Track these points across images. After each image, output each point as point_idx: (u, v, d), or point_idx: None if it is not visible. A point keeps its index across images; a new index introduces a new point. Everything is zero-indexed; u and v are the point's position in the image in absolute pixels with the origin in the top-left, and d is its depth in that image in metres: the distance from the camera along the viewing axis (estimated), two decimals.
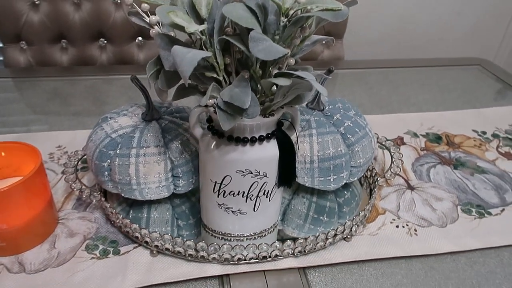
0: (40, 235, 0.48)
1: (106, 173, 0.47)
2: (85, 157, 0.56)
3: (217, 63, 0.35)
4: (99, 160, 0.47)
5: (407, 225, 0.52)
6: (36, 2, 0.90)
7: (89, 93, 0.84)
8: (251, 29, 0.32)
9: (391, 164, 0.56)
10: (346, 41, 1.12)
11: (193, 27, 0.31)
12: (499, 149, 0.69)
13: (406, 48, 1.34)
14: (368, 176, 0.58)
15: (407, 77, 0.95)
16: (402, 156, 0.58)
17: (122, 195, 0.48)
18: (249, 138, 0.40)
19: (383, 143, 0.60)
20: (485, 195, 0.58)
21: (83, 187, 0.50)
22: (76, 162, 0.53)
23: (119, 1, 0.95)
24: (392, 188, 0.59)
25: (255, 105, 0.35)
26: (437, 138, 0.71)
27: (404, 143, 0.69)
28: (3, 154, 0.48)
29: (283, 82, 0.33)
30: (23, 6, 0.89)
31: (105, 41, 0.98)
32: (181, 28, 0.31)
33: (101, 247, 0.47)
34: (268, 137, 0.41)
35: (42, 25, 0.92)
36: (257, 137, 0.40)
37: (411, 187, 0.59)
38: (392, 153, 0.58)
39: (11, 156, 0.49)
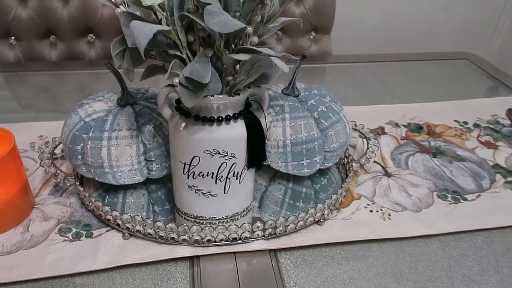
0: (14, 219, 0.48)
1: (80, 156, 0.48)
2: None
3: (180, 40, 0.36)
4: (73, 143, 0.48)
5: (381, 210, 0.53)
6: None
7: (76, 87, 0.84)
8: None
9: (366, 150, 0.56)
10: (334, 37, 1.13)
11: (150, 1, 0.31)
12: (479, 138, 0.69)
13: (394, 44, 1.35)
14: (345, 163, 0.58)
15: (393, 71, 0.96)
16: (378, 142, 0.58)
17: (96, 179, 0.48)
18: (215, 118, 0.40)
19: (360, 130, 0.61)
20: (462, 182, 0.58)
21: (58, 171, 0.50)
22: (52, 148, 0.54)
23: None
24: (370, 175, 0.59)
25: (215, 81, 0.35)
26: (418, 128, 0.71)
27: (384, 133, 0.69)
28: None
29: (242, 57, 0.34)
30: (11, 2, 0.90)
31: (94, 37, 0.99)
32: (138, 3, 0.32)
33: (74, 230, 0.48)
34: (235, 117, 0.41)
35: (30, 20, 0.93)
36: (223, 117, 0.40)
37: (388, 174, 0.59)
38: (368, 138, 0.58)
39: None
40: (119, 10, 0.38)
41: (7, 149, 0.45)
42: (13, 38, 0.95)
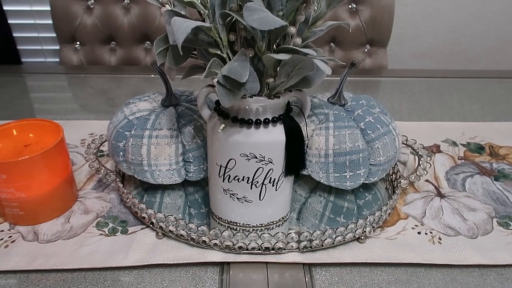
0: (57, 209, 0.50)
1: (121, 153, 0.49)
2: None
3: (220, 38, 0.35)
4: (116, 140, 0.49)
5: (430, 232, 0.48)
6: (91, 6, 0.97)
7: (131, 90, 0.88)
8: None
9: (417, 167, 0.52)
10: (391, 51, 1.08)
11: None
12: None
13: (459, 60, 1.26)
14: (393, 180, 0.54)
15: (454, 88, 0.89)
16: (431, 159, 0.53)
17: (135, 176, 0.49)
18: (253, 120, 0.39)
19: (412, 145, 0.56)
20: None
21: (101, 167, 0.52)
22: (99, 145, 0.55)
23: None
24: (420, 194, 0.54)
25: (253, 81, 0.34)
26: (479, 148, 0.65)
27: (440, 151, 0.64)
28: (31, 135, 0.51)
29: (282, 56, 0.33)
30: (78, 9, 0.97)
31: (150, 44, 1.03)
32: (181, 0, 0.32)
33: (110, 225, 0.48)
34: (274, 121, 0.40)
35: (94, 27, 0.99)
36: (262, 120, 0.39)
37: (441, 195, 0.54)
38: (420, 155, 0.54)
39: (39, 134, 0.52)
40: (164, 9, 0.38)
41: (55, 141, 0.47)
42: (78, 43, 1.02)
